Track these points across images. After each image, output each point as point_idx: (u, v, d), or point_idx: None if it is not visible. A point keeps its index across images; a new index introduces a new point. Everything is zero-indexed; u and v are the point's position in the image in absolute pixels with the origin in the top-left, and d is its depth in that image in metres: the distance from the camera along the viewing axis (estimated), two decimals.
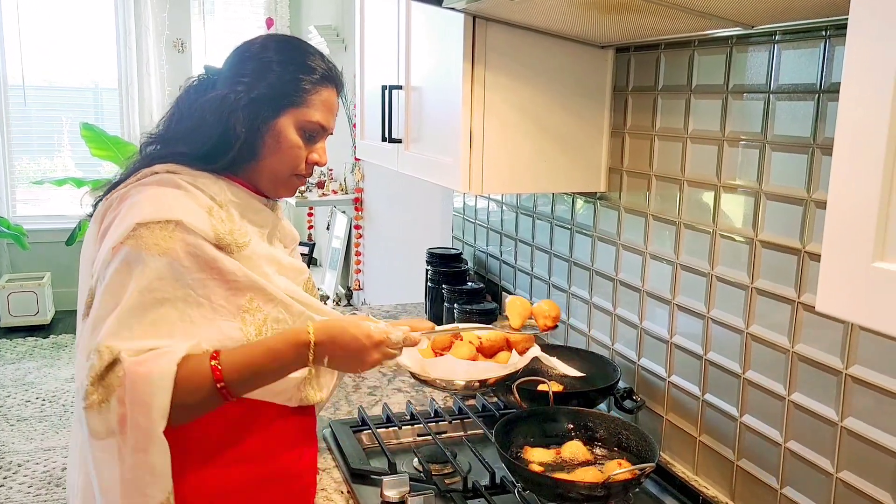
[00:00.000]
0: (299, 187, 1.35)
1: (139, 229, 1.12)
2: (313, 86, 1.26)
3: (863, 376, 1.17)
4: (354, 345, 1.19)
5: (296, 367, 1.19)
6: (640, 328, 1.70)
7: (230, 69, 1.27)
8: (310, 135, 1.28)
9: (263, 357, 1.16)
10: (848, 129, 0.71)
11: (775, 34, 1.31)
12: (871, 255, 0.69)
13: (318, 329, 1.18)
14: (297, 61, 1.26)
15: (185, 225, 1.14)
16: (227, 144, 1.23)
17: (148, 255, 1.11)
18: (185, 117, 1.27)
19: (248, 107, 1.22)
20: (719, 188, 1.44)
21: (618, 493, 1.28)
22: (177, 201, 1.17)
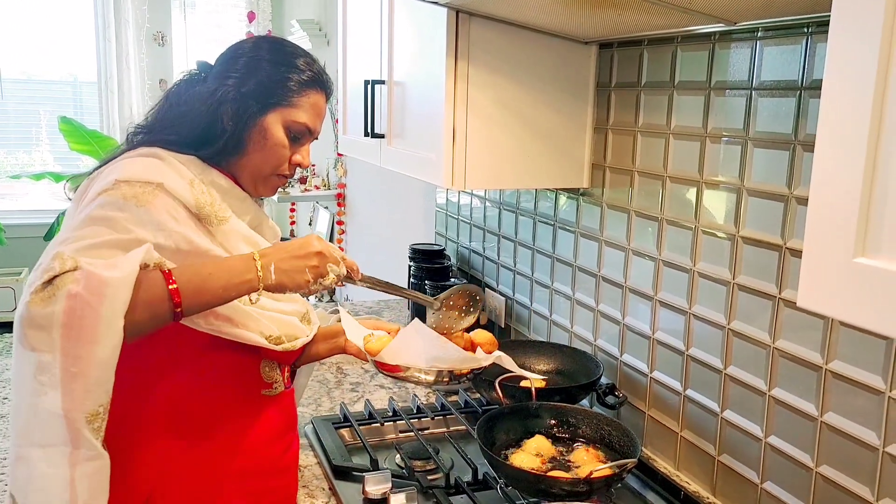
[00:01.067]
0: (280, 187, 1.35)
1: (119, 184, 1.12)
2: (302, 87, 1.28)
3: (842, 371, 1.18)
4: (296, 242, 1.17)
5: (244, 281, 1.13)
6: (623, 324, 1.70)
7: (222, 66, 1.29)
8: (295, 135, 1.29)
9: (212, 266, 1.13)
10: (829, 125, 0.71)
11: (758, 31, 1.31)
12: (852, 251, 0.69)
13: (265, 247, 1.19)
14: (288, 62, 1.28)
15: (166, 188, 1.14)
16: (214, 135, 1.24)
17: (125, 203, 1.11)
18: (172, 108, 1.28)
19: (237, 101, 1.23)
20: (701, 184, 1.45)
21: (600, 489, 1.28)
22: (158, 168, 1.17)
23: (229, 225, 1.22)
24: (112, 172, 1.17)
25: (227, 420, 1.27)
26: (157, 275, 1.08)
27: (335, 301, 4.08)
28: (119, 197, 1.11)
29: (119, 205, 1.11)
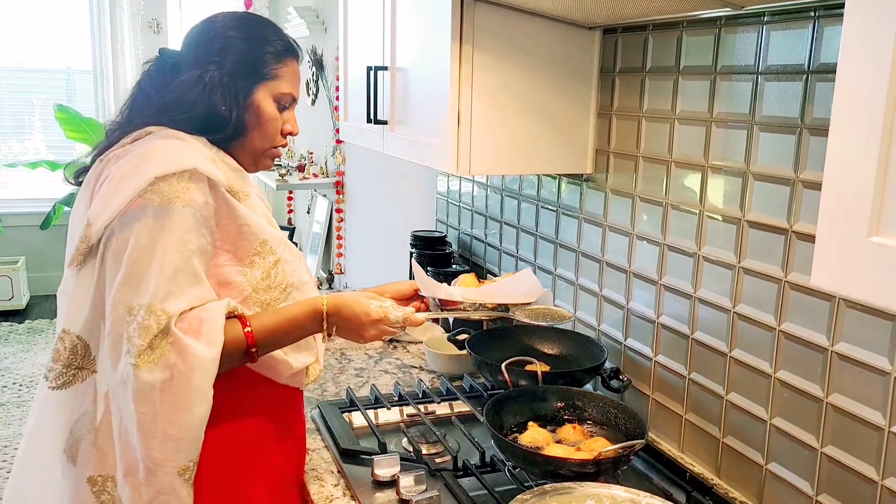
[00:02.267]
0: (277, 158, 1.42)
1: (158, 183, 1.15)
2: (278, 58, 1.32)
3: (848, 353, 1.20)
4: (354, 321, 1.29)
5: (311, 332, 1.30)
6: (627, 309, 1.71)
7: (194, 50, 1.30)
8: (283, 106, 1.34)
9: (286, 324, 1.25)
10: (844, 106, 0.72)
11: (764, 15, 1.31)
12: (867, 230, 0.70)
13: (330, 302, 1.28)
14: (259, 36, 1.31)
15: (200, 171, 1.18)
16: (218, 122, 1.27)
17: (173, 208, 1.15)
18: (153, 98, 1.30)
19: (225, 84, 1.26)
20: (706, 169, 1.46)
21: (607, 470, 1.29)
22: (185, 151, 1.20)
23: (251, 200, 1.28)
24: (143, 162, 1.17)
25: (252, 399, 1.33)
26: (239, 335, 1.20)
27: (333, 289, 4.09)
28: (165, 202, 1.15)
29: (168, 212, 1.15)
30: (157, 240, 1.14)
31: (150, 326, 1.12)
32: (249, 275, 1.24)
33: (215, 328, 1.16)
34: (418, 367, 2.02)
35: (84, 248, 1.19)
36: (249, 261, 1.24)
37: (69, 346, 1.20)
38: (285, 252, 1.29)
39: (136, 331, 1.12)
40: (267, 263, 1.26)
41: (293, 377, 1.33)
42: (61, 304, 1.25)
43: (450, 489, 1.37)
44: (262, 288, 1.26)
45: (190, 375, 1.13)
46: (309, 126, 4.75)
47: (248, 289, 1.24)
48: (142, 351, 1.11)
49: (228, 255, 1.23)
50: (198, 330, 1.15)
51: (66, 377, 1.21)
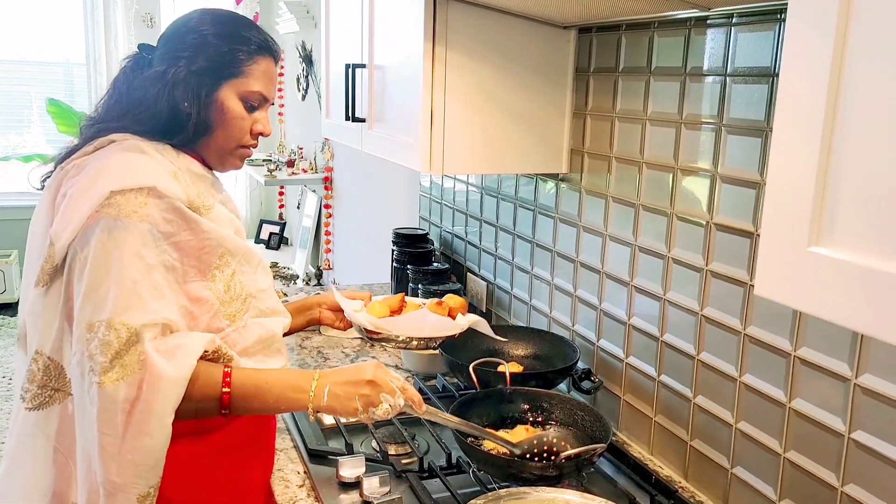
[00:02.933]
0: (247, 158, 1.38)
1: (114, 197, 1.13)
2: (250, 56, 1.28)
3: (810, 358, 1.19)
4: (354, 369, 1.23)
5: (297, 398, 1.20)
6: (600, 310, 1.71)
7: (167, 45, 1.28)
8: (251, 105, 1.31)
9: (272, 377, 1.21)
10: (785, 114, 0.71)
11: (732, 17, 1.31)
12: (806, 240, 0.69)
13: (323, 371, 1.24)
14: (232, 33, 1.28)
15: (159, 190, 1.16)
16: (180, 122, 1.25)
17: (129, 221, 1.13)
18: (124, 96, 1.28)
19: (188, 80, 1.24)
20: (676, 171, 1.45)
21: (570, 473, 1.29)
22: (145, 167, 1.18)
23: (215, 212, 1.26)
24: (101, 176, 1.16)
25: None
26: (216, 373, 1.16)
27: (321, 284, 4.09)
28: (121, 216, 1.12)
29: (124, 225, 1.12)
30: (112, 253, 1.12)
31: (111, 342, 1.09)
32: (214, 289, 1.22)
33: (189, 354, 1.13)
34: (394, 365, 2.01)
35: (49, 268, 1.17)
36: (211, 275, 1.22)
37: (42, 367, 1.19)
38: (241, 262, 1.26)
39: (97, 347, 1.10)
40: (226, 276, 1.23)
41: None
42: (31, 324, 1.21)
43: (414, 491, 1.37)
44: (226, 300, 1.24)
45: (153, 396, 1.10)
46: (298, 121, 4.74)
47: (216, 303, 1.22)
48: (105, 368, 1.09)
49: (194, 270, 1.21)
50: (171, 353, 1.13)
51: (42, 398, 1.20)
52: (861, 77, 0.63)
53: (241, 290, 1.26)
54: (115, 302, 1.11)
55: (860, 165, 0.64)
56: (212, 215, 1.25)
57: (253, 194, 5.70)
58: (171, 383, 1.11)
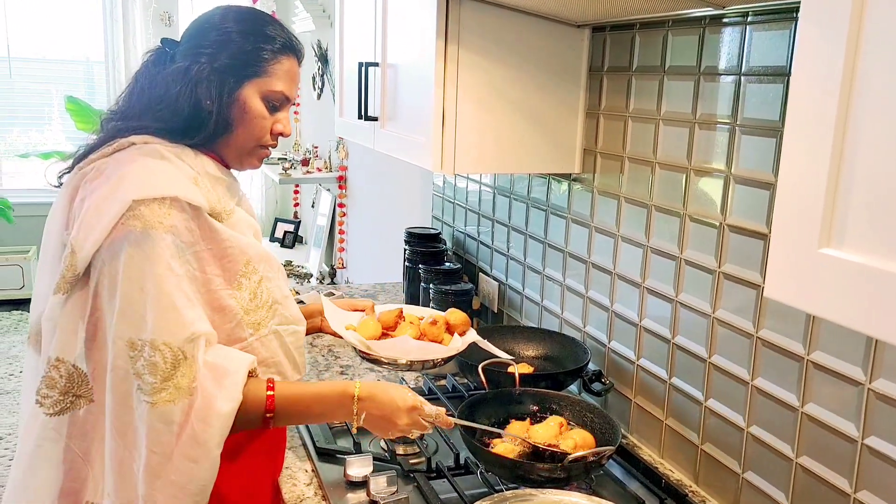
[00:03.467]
0: (265, 158, 1.36)
1: (137, 207, 1.12)
2: (274, 55, 1.26)
3: (823, 362, 1.17)
4: (390, 406, 1.24)
5: (337, 417, 1.26)
6: (611, 311, 1.69)
7: (190, 41, 1.27)
8: (273, 105, 1.29)
9: (311, 398, 1.24)
10: (797, 116, 0.70)
11: (747, 15, 1.29)
12: (817, 242, 0.68)
13: (364, 386, 1.24)
14: (257, 32, 1.26)
15: (181, 200, 1.15)
16: (200, 120, 1.23)
17: (155, 233, 1.12)
18: (145, 91, 1.26)
19: (212, 78, 1.22)
20: (689, 171, 1.43)
21: (578, 476, 1.28)
22: (166, 174, 1.17)
23: (235, 216, 1.25)
24: (122, 184, 1.14)
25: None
26: (260, 397, 1.18)
27: (335, 283, 4.09)
28: (147, 228, 1.12)
29: (151, 238, 1.12)
30: (144, 269, 1.11)
31: (158, 363, 1.10)
32: (239, 297, 1.21)
33: (235, 383, 1.15)
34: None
35: (70, 276, 1.15)
36: (237, 283, 1.21)
37: (65, 374, 1.18)
38: (266, 268, 1.26)
39: (144, 367, 1.10)
40: (252, 283, 1.23)
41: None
42: (49, 330, 1.20)
43: (421, 491, 1.36)
44: (251, 309, 1.23)
45: (202, 429, 1.11)
46: (314, 120, 4.75)
47: (240, 312, 1.22)
48: (156, 389, 1.10)
49: (219, 278, 1.20)
50: (220, 381, 1.14)
51: (63, 404, 1.19)
52: (873, 79, 0.62)
53: (267, 297, 1.25)
54: (156, 321, 1.11)
55: (872, 167, 0.63)
56: (232, 220, 1.24)
57: (268, 193, 5.72)
58: (220, 417, 1.12)
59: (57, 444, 1.19)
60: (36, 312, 1.25)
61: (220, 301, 1.20)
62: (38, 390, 1.18)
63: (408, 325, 1.50)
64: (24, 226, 5.78)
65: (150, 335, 1.11)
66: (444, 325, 1.50)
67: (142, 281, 1.11)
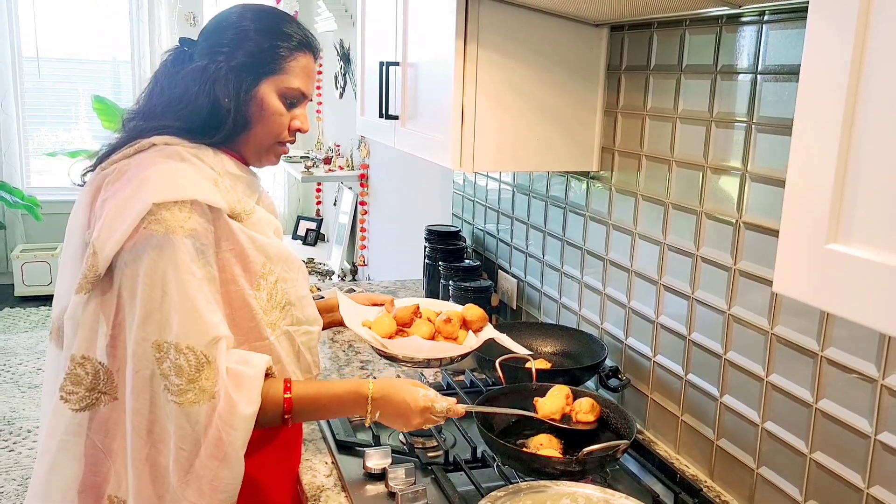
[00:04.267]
0: (283, 155, 1.39)
1: (159, 211, 1.14)
2: (291, 52, 1.28)
3: (837, 359, 1.18)
4: (402, 407, 1.28)
5: (350, 413, 1.33)
6: (629, 308, 1.71)
7: (207, 40, 1.29)
8: (290, 101, 1.31)
9: (327, 399, 1.28)
10: (806, 113, 0.72)
11: (764, 14, 1.30)
12: (825, 237, 0.69)
13: (377, 386, 1.28)
14: (273, 29, 1.28)
15: (201, 203, 1.17)
16: (220, 118, 1.26)
17: (176, 237, 1.14)
18: (165, 91, 1.29)
19: (229, 76, 1.24)
20: (706, 169, 1.44)
21: (593, 469, 1.30)
22: (186, 177, 1.19)
23: (256, 216, 1.27)
24: (142, 187, 1.16)
25: None
26: (277, 398, 1.22)
27: (356, 280, 4.13)
28: (168, 232, 1.14)
29: (172, 242, 1.14)
30: (167, 273, 1.14)
31: (183, 366, 1.14)
32: (258, 297, 1.24)
33: (254, 387, 1.18)
34: None
35: (92, 276, 1.17)
36: (257, 284, 1.23)
37: (91, 372, 1.20)
38: (284, 269, 1.27)
39: (170, 369, 1.14)
40: (269, 284, 1.25)
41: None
42: (71, 329, 1.22)
43: (438, 483, 1.39)
44: (267, 309, 1.26)
45: (227, 432, 1.15)
46: (336, 119, 4.79)
47: (259, 312, 1.24)
48: (182, 390, 1.14)
49: (241, 279, 1.22)
50: (240, 383, 1.17)
51: (89, 400, 1.21)
52: (881, 76, 0.63)
53: (281, 298, 1.27)
54: (180, 325, 1.14)
55: (879, 163, 0.64)
56: (252, 220, 1.26)
57: (291, 191, 5.78)
58: (243, 420, 1.16)
59: (80, 439, 1.22)
60: (57, 309, 1.27)
61: (243, 300, 1.22)
62: (63, 386, 1.20)
63: (423, 323, 1.52)
64: (51, 223, 5.89)
65: (174, 338, 1.14)
66: (460, 322, 1.52)
67: (164, 285, 1.14)
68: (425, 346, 1.46)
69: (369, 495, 1.37)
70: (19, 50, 5.87)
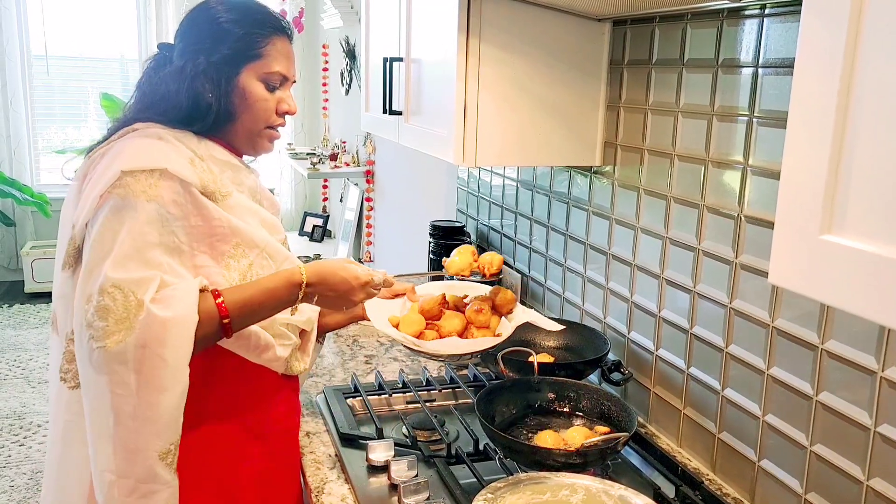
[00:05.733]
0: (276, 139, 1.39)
1: (125, 177, 1.15)
2: (266, 38, 1.30)
3: (837, 351, 1.18)
4: (343, 286, 1.28)
5: (287, 305, 1.27)
6: (631, 302, 1.71)
7: (184, 40, 1.30)
8: (272, 86, 1.32)
9: (261, 296, 1.23)
10: (799, 103, 0.72)
11: (765, 7, 1.30)
12: (818, 228, 0.70)
13: (310, 271, 1.26)
14: (245, 18, 1.30)
15: (170, 172, 1.17)
16: (202, 111, 1.27)
17: (136, 201, 1.14)
18: (147, 95, 1.30)
19: (208, 71, 1.26)
20: (708, 163, 1.45)
21: (595, 462, 1.30)
22: (159, 150, 1.21)
23: (233, 199, 1.27)
24: (116, 159, 1.18)
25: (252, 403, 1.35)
26: (211, 309, 1.17)
27: None
28: (129, 195, 1.14)
29: (131, 205, 1.14)
30: (114, 231, 1.13)
31: (108, 306, 1.10)
32: (227, 276, 1.23)
33: (188, 294, 1.14)
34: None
35: (72, 250, 1.20)
36: (225, 263, 1.23)
37: None
38: (260, 255, 1.27)
39: (94, 315, 1.10)
40: (242, 266, 1.25)
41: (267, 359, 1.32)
42: (63, 308, 1.24)
43: (441, 476, 1.39)
44: None
45: (162, 348, 1.10)
46: (342, 116, 4.80)
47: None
48: (108, 332, 1.09)
49: (206, 255, 1.22)
50: (168, 303, 1.13)
51: None
52: (873, 68, 0.64)
53: None
54: (108, 270, 1.11)
55: (871, 154, 0.64)
56: (228, 202, 1.25)
57: (297, 187, 5.79)
58: (177, 331, 1.11)
59: (82, 418, 1.20)
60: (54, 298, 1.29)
61: (210, 277, 1.22)
62: (61, 367, 1.23)
63: (453, 315, 1.53)
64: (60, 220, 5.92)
65: (100, 282, 1.11)
66: (490, 309, 1.53)
67: (109, 240, 1.13)
68: (462, 344, 1.46)
69: (372, 487, 1.38)
70: (28, 48, 5.90)
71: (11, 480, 3.35)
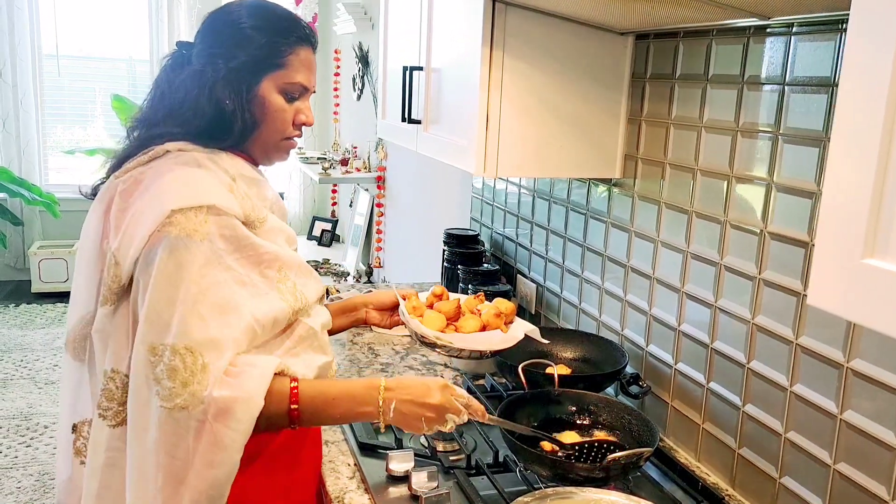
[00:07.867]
0: (292, 149, 1.37)
1: (175, 216, 1.13)
2: (289, 47, 1.26)
3: (863, 370, 1.18)
4: (421, 387, 1.23)
5: (364, 412, 1.22)
6: (650, 315, 1.71)
7: (203, 41, 1.27)
8: (292, 96, 1.29)
9: (337, 393, 1.21)
10: (843, 126, 0.72)
11: (792, 26, 1.30)
12: (861, 252, 0.70)
13: (390, 379, 1.24)
14: (270, 25, 1.26)
15: (218, 208, 1.15)
16: (225, 121, 1.24)
17: (190, 241, 1.12)
18: (166, 96, 1.27)
19: (229, 77, 1.22)
20: (731, 178, 1.45)
21: (616, 476, 1.30)
22: (203, 183, 1.18)
23: (268, 223, 1.26)
24: (161, 194, 1.16)
25: None
26: (284, 391, 1.16)
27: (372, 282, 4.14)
28: (181, 234, 1.12)
29: (185, 245, 1.12)
30: (173, 275, 1.12)
31: (178, 368, 1.09)
32: (286, 301, 1.23)
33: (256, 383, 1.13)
34: (443, 364, 2.05)
35: (116, 287, 1.17)
36: (276, 287, 1.22)
37: (121, 386, 1.19)
38: (297, 273, 1.27)
39: (163, 372, 1.09)
40: (289, 287, 1.24)
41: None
42: (100, 343, 1.21)
43: (461, 487, 1.40)
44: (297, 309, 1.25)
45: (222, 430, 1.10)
46: (353, 121, 4.81)
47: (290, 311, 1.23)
48: (174, 394, 1.09)
49: (263, 284, 1.21)
50: (240, 379, 1.12)
51: (123, 415, 1.19)
52: None
53: (305, 301, 1.26)
54: (180, 325, 1.10)
55: None
56: (265, 228, 1.25)
57: (307, 191, 5.80)
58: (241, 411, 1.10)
59: (123, 454, 1.19)
60: (73, 318, 1.26)
61: (274, 304, 1.20)
62: (99, 403, 1.20)
63: (470, 317, 1.54)
64: (69, 220, 5.93)
65: (172, 339, 1.10)
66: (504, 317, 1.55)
67: (170, 286, 1.11)
68: (496, 338, 1.47)
69: (392, 497, 1.38)
70: (39, 47, 5.92)
71: (18, 482, 3.35)
